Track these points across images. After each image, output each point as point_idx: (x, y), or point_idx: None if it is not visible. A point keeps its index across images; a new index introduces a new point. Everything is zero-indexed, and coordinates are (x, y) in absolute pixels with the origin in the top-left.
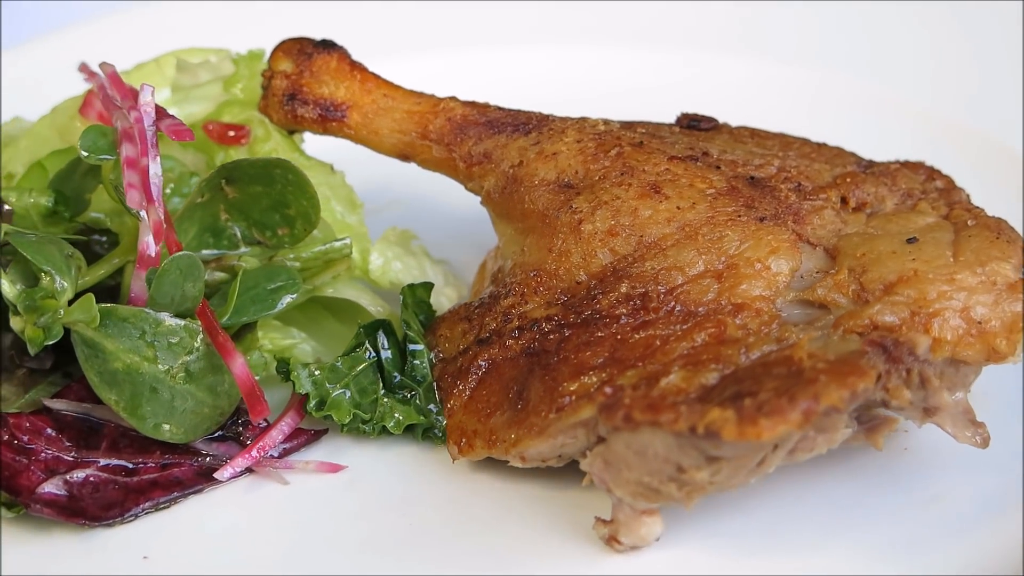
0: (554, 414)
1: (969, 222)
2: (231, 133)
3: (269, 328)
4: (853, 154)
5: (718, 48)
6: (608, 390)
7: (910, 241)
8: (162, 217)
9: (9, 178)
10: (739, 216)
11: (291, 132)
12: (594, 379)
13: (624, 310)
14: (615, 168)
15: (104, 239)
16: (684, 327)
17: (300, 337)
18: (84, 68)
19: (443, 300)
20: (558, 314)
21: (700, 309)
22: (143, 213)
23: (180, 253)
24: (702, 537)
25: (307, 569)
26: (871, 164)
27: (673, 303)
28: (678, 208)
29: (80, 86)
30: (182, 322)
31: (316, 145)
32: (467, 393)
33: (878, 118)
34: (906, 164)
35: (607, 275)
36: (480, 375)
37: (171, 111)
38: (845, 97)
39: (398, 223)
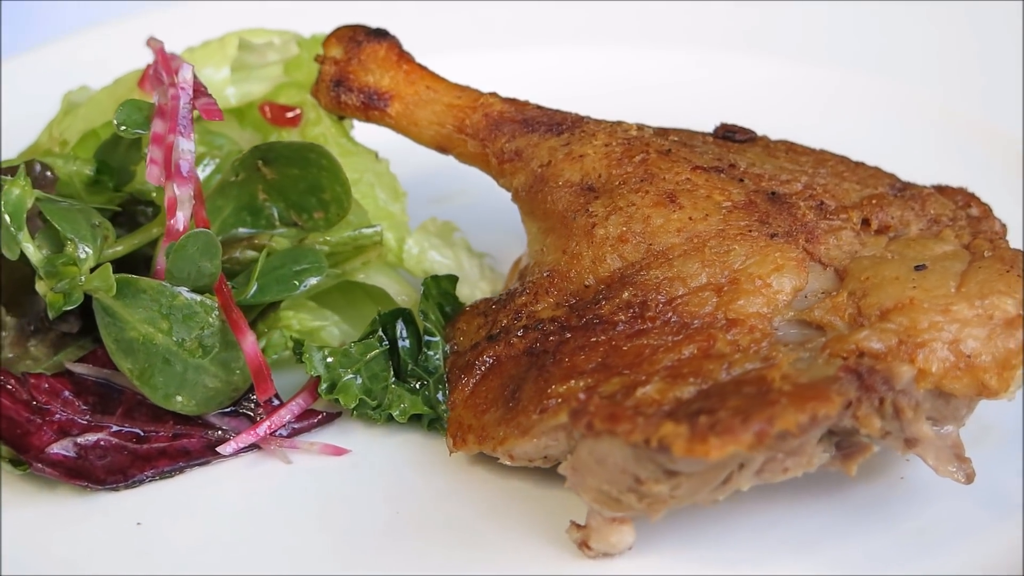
0: (537, 415)
1: (986, 253)
2: (289, 115)
3: (301, 308)
4: (890, 175)
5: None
6: (581, 396)
7: (918, 268)
8: (182, 193)
9: (64, 145)
10: (750, 231)
11: (340, 118)
12: (581, 384)
13: (623, 317)
14: (636, 174)
15: (150, 210)
16: (676, 339)
17: (331, 320)
18: (151, 42)
19: (477, 294)
20: (563, 316)
21: (695, 322)
22: (174, 187)
23: (197, 230)
24: (677, 548)
25: (282, 549)
26: (906, 186)
27: (670, 313)
28: (690, 219)
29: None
30: (198, 297)
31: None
32: (470, 388)
33: (889, 114)
34: (944, 189)
35: (614, 281)
36: (483, 371)
37: (228, 90)
38: (853, 94)
39: (460, 214)
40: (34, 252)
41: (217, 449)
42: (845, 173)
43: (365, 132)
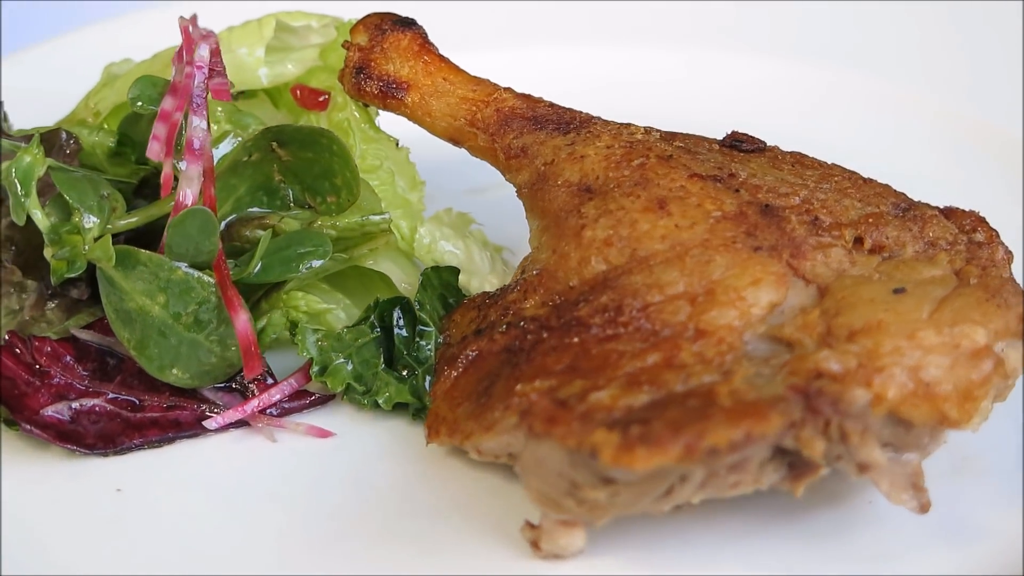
0: (500, 413)
1: (972, 280)
2: (321, 98)
3: (313, 290)
4: (899, 194)
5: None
6: (534, 397)
7: (896, 291)
8: (191, 170)
9: (97, 115)
10: (735, 242)
11: (365, 105)
12: (545, 385)
13: (598, 320)
14: (632, 178)
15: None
16: (643, 346)
17: (341, 304)
18: (180, 19)
19: (486, 287)
20: (544, 315)
21: (665, 330)
22: (182, 164)
23: (195, 208)
24: (631, 556)
25: (246, 525)
26: (912, 206)
27: (643, 320)
28: (676, 226)
29: None
30: (196, 273)
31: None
32: (451, 380)
33: (888, 114)
34: (953, 211)
35: (597, 284)
36: (465, 364)
37: (261, 70)
38: (853, 94)
39: (494, 207)
40: (42, 219)
41: (204, 423)
42: (849, 189)
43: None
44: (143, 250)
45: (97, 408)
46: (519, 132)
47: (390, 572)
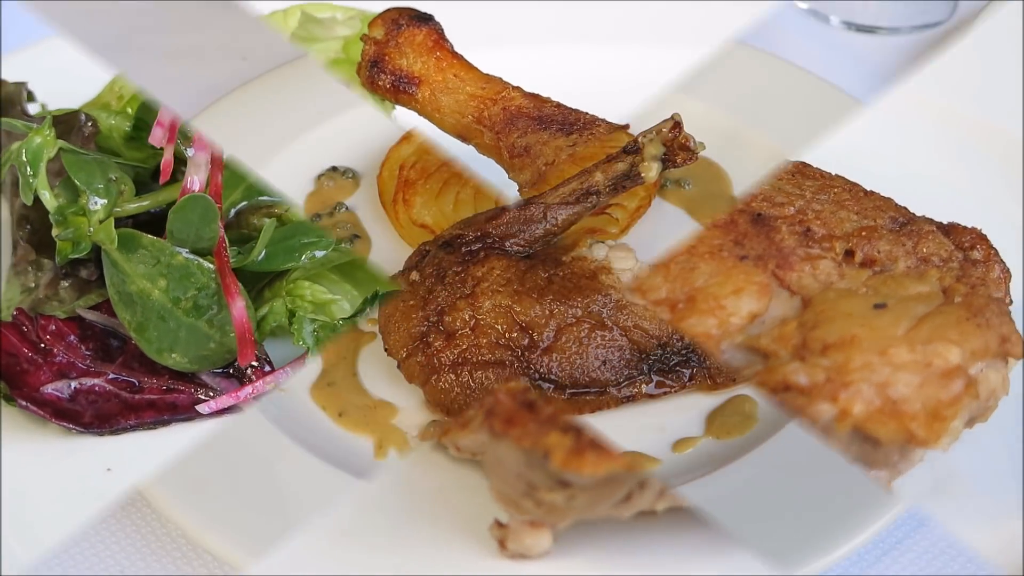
0: (475, 411)
1: (957, 298)
2: None
3: (321, 280)
4: (900, 208)
5: None
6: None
7: (877, 306)
8: (199, 157)
9: (120, 99)
10: (721, 250)
11: (381, 98)
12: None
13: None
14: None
15: None
16: None
17: (348, 295)
18: None
19: None
20: None
21: None
22: (190, 151)
23: (196, 195)
24: (598, 561)
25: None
26: (911, 221)
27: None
28: None
29: None
30: (196, 259)
31: None
32: None
33: (889, 114)
34: (953, 227)
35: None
36: None
37: None
38: None
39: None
40: (50, 199)
41: (197, 408)
42: (847, 201)
43: None
44: (146, 234)
45: (96, 388)
46: (523, 131)
47: (357, 564)
